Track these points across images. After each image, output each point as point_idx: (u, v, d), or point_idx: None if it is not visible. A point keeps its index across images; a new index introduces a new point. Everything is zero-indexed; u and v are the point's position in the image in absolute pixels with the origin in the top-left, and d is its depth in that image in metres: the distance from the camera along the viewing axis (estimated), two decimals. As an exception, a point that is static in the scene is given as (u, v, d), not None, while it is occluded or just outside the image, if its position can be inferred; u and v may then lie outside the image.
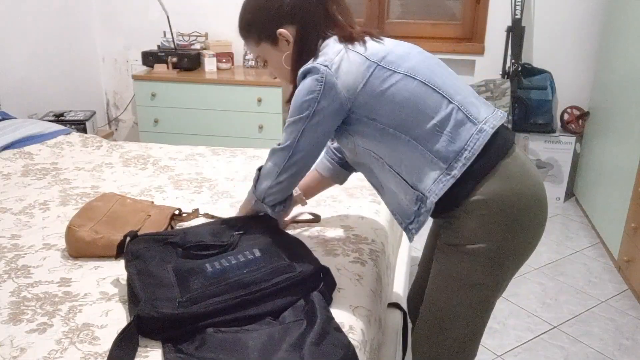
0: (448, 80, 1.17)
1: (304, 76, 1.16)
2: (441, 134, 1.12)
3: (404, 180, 1.16)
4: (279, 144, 1.23)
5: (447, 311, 1.21)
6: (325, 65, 1.13)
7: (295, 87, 1.22)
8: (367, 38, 1.19)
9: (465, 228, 1.14)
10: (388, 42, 1.20)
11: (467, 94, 1.18)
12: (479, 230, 1.13)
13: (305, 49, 1.20)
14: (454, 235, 1.16)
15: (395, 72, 1.14)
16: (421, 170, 1.14)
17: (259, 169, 1.31)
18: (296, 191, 1.44)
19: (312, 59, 1.18)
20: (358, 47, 1.17)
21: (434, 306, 1.24)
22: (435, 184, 1.13)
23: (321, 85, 1.13)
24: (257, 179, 1.31)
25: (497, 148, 1.14)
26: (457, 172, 1.11)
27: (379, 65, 1.14)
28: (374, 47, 1.17)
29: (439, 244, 1.22)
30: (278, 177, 1.23)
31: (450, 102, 1.14)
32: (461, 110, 1.14)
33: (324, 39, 1.21)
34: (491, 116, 1.17)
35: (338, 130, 1.22)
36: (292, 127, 1.19)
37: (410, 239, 1.24)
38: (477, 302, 1.19)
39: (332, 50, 1.16)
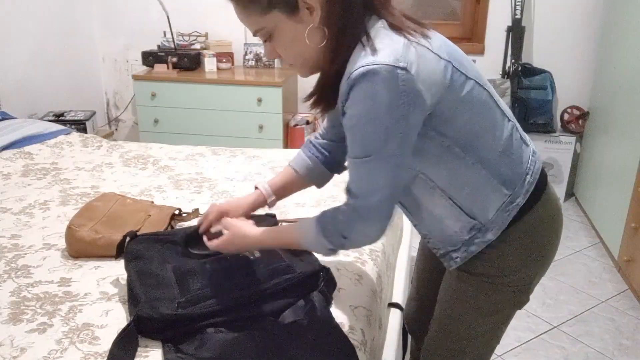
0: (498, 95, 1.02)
1: (363, 82, 0.85)
2: (507, 157, 0.99)
3: (459, 206, 1.00)
4: (359, 197, 0.93)
5: (466, 337, 1.13)
6: (402, 68, 0.85)
7: (330, 73, 0.96)
8: (411, 23, 0.94)
9: (502, 259, 1.03)
10: (431, 30, 0.97)
11: (512, 113, 1.05)
12: (516, 260, 1.03)
13: (350, 24, 0.91)
14: (485, 265, 1.04)
15: (467, 76, 0.94)
16: (484, 197, 0.99)
17: (336, 234, 0.99)
18: (266, 190, 1.23)
19: (364, 49, 0.88)
20: (421, 39, 0.91)
21: (450, 331, 1.15)
22: (498, 213, 0.99)
23: (405, 96, 0.86)
24: (342, 245, 1.00)
25: (543, 173, 1.04)
26: (521, 199, 0.99)
27: (453, 65, 0.92)
28: (434, 40, 0.93)
29: (458, 273, 1.09)
30: (382, 230, 0.96)
31: (509, 119, 1.01)
32: (518, 130, 1.03)
33: (369, 18, 0.92)
34: (530, 139, 1.08)
35: None
36: (379, 167, 0.90)
37: (449, 267, 1.09)
38: (498, 326, 1.13)
39: (394, 43, 0.88)
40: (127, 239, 1.28)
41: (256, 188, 1.25)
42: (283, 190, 1.25)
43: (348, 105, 0.90)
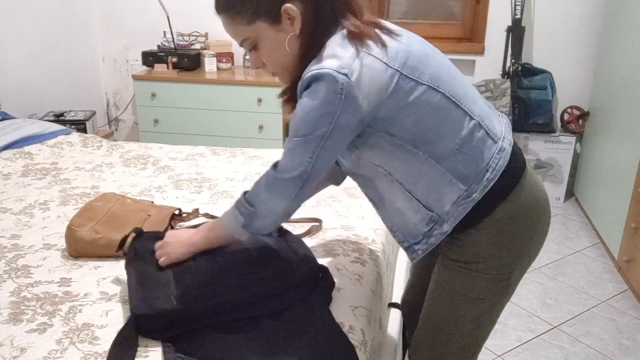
0: (465, 88, 1.07)
1: (312, 83, 0.98)
2: (462, 153, 1.04)
3: (416, 199, 1.07)
4: (276, 169, 1.05)
5: (448, 324, 1.17)
6: (343, 74, 0.95)
7: (294, 84, 1.06)
8: (377, 32, 1.02)
9: (475, 246, 1.08)
10: (402, 36, 1.05)
11: (481, 103, 1.10)
12: (490, 248, 1.08)
13: (318, 34, 1.01)
14: (460, 252, 1.10)
15: (418, 82, 1.01)
16: (439, 190, 1.05)
17: (246, 197, 1.09)
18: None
19: (317, 58, 1.00)
20: (375, 48, 1.00)
21: (434, 319, 1.19)
22: (453, 206, 1.05)
23: (340, 98, 0.96)
24: (250, 215, 1.08)
25: (514, 168, 1.08)
26: (477, 194, 1.04)
27: (402, 73, 1.00)
28: (392, 48, 1.01)
29: (440, 260, 1.16)
30: (287, 210, 1.06)
31: (471, 118, 1.05)
32: (482, 127, 1.06)
33: (334, 25, 1.02)
34: (505, 130, 1.11)
35: None
36: (301, 149, 1.01)
37: (413, 260, 1.15)
38: (481, 315, 1.15)
39: (344, 51, 0.98)
40: (132, 235, 1.28)
41: None
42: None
43: (298, 100, 1.02)
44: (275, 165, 1.06)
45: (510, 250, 1.09)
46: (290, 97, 1.11)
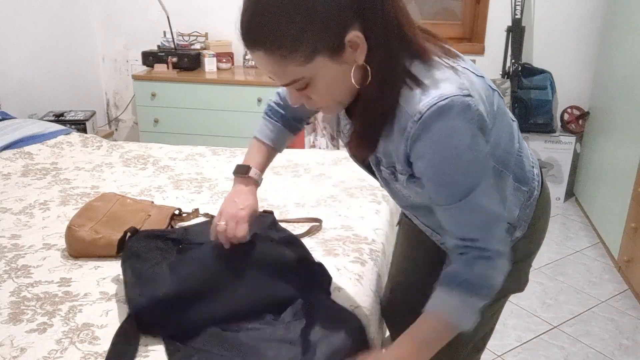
0: None
1: (441, 117, 0.79)
2: (521, 157, 0.99)
3: None
4: (479, 242, 0.87)
5: None
6: (468, 95, 0.80)
7: (372, 114, 0.86)
8: (437, 50, 0.88)
9: (514, 246, 1.04)
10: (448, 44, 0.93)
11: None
12: (525, 246, 1.06)
13: (391, 62, 0.82)
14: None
15: (492, 87, 0.91)
16: (510, 200, 0.98)
17: (479, 286, 0.90)
18: (258, 175, 1.14)
19: (414, 89, 0.82)
20: (462, 63, 0.87)
21: None
22: (522, 210, 1.00)
23: (477, 121, 0.81)
24: (489, 295, 0.90)
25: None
26: (536, 192, 1.01)
27: (495, 90, 0.90)
28: (470, 64, 0.90)
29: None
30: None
31: (512, 119, 1.00)
32: (516, 123, 1.03)
33: (408, 48, 0.84)
34: None
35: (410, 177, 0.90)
36: (487, 197, 0.86)
37: None
38: (493, 314, 1.16)
39: (443, 72, 0.82)
40: (128, 234, 1.29)
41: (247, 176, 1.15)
42: (264, 167, 1.17)
43: (421, 150, 0.83)
44: (471, 239, 0.88)
45: (538, 242, 1.10)
46: (361, 144, 0.92)
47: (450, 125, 0.79)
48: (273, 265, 1.16)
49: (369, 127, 0.89)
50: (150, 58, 3.41)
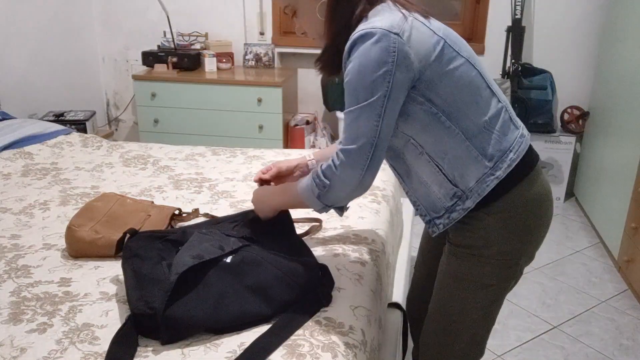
0: (490, 77, 1.13)
1: (360, 42, 0.99)
2: (490, 132, 1.07)
3: (443, 173, 1.09)
4: (343, 142, 1.04)
5: (459, 313, 1.19)
6: (395, 33, 0.98)
7: (331, 47, 1.10)
8: (416, 7, 1.07)
9: (486, 230, 1.11)
10: (432, 18, 1.10)
11: (502, 94, 1.15)
12: (499, 232, 1.10)
13: (343, 3, 1.06)
14: (470, 237, 1.13)
15: (459, 54, 1.05)
16: (465, 166, 1.07)
17: (323, 169, 1.09)
18: (312, 163, 1.39)
19: (364, 22, 1.03)
20: (421, 17, 1.04)
21: (444, 308, 1.21)
22: (478, 183, 1.08)
23: (394, 55, 0.97)
24: (324, 187, 1.09)
25: (532, 156, 1.13)
26: (501, 173, 1.07)
27: (446, 42, 1.03)
28: (434, 22, 1.06)
29: (449, 249, 1.19)
30: (362, 181, 1.05)
31: (499, 100, 1.10)
32: (507, 112, 1.11)
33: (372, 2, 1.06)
34: (522, 124, 1.16)
35: None
36: (365, 115, 1.01)
37: (433, 234, 1.17)
38: (490, 303, 1.18)
39: (393, 15, 1.01)
40: (127, 235, 1.28)
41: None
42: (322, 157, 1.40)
43: (348, 63, 1.02)
44: (340, 142, 1.06)
45: (520, 236, 1.11)
46: (325, 64, 1.15)
47: (367, 47, 0.98)
48: (276, 269, 1.16)
49: (328, 50, 1.12)
50: (150, 58, 3.41)
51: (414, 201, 1.20)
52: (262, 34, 3.54)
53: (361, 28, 1.00)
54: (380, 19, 1.00)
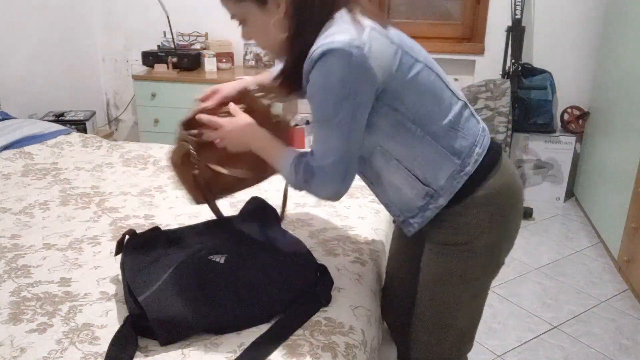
0: (446, 76, 1.14)
1: (322, 60, 0.98)
2: (456, 130, 1.10)
3: (414, 175, 1.11)
4: (314, 157, 1.06)
5: (450, 307, 1.20)
6: (356, 47, 0.97)
7: (292, 59, 1.08)
8: (371, 16, 1.06)
9: (465, 225, 1.12)
10: (389, 26, 1.09)
11: (462, 93, 1.17)
12: (479, 225, 1.12)
13: (309, 15, 1.04)
14: (452, 233, 1.14)
15: (417, 60, 1.06)
16: (435, 166, 1.10)
17: (301, 172, 1.09)
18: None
19: (322, 36, 1.01)
20: (377, 27, 1.03)
21: (434, 305, 1.22)
22: (448, 180, 1.10)
23: (357, 73, 0.98)
24: (303, 184, 1.10)
25: (496, 147, 1.16)
26: (470, 168, 1.10)
27: (403, 50, 1.04)
28: (390, 29, 1.06)
29: (430, 248, 1.19)
30: (338, 192, 1.08)
31: (458, 98, 1.13)
32: (468, 107, 1.14)
33: (331, 11, 1.04)
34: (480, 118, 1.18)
35: None
36: (333, 133, 1.03)
37: (409, 233, 1.18)
38: (478, 293, 1.21)
39: (351, 27, 1.00)
40: (127, 237, 1.28)
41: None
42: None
43: (310, 79, 1.02)
44: (312, 152, 1.07)
45: (500, 224, 1.14)
46: (285, 81, 1.13)
47: (329, 64, 0.97)
48: (274, 269, 1.16)
49: (285, 70, 1.11)
50: (150, 58, 3.41)
51: (385, 203, 1.21)
52: (262, 34, 3.54)
53: (321, 43, 0.99)
54: (339, 33, 0.98)
